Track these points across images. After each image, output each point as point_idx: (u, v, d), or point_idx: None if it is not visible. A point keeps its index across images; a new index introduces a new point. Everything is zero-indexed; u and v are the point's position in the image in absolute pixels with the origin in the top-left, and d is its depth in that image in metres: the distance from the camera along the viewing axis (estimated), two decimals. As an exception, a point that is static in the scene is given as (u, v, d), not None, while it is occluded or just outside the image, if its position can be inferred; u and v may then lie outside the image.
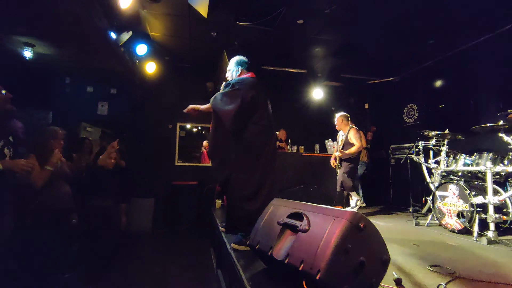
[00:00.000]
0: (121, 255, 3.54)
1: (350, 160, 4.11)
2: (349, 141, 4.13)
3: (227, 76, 2.59)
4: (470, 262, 2.11)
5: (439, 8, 3.60)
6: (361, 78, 6.37)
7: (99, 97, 5.33)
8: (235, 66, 2.57)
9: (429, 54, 5.01)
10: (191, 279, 2.99)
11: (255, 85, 2.36)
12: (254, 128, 2.25)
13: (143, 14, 3.82)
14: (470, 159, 3.28)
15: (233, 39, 4.53)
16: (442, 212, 3.30)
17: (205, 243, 4.22)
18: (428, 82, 5.37)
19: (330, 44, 4.79)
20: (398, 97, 6.11)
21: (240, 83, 2.32)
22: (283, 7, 3.68)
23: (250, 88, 2.29)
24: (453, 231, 3.10)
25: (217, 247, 3.05)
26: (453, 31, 4.14)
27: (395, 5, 3.57)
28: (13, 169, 1.60)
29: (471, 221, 2.89)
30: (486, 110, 4.22)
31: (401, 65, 5.64)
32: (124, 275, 2.99)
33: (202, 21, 3.88)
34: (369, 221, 1.31)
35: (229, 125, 2.20)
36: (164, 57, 5.22)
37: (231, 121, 2.18)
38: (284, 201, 1.74)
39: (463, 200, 3.03)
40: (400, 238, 2.89)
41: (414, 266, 1.96)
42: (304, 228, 1.37)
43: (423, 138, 3.92)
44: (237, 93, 2.24)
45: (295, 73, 5.98)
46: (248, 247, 1.89)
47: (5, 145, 1.67)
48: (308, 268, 1.21)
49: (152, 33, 4.40)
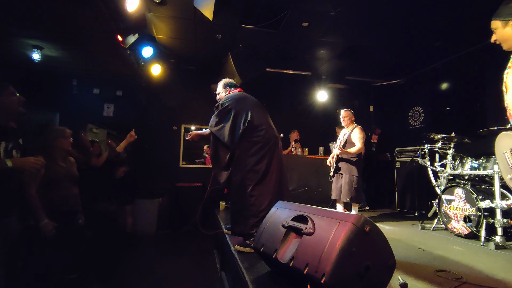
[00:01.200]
0: (125, 256, 3.56)
1: (352, 164, 3.68)
2: (351, 140, 3.75)
3: (218, 98, 2.75)
4: (477, 267, 2.08)
5: (446, 9, 3.58)
6: (366, 81, 6.35)
7: (105, 99, 5.40)
8: (223, 88, 2.77)
9: (435, 56, 4.98)
10: (195, 281, 2.99)
11: (242, 97, 2.57)
12: (250, 140, 2.34)
13: (149, 17, 3.86)
14: (477, 163, 3.24)
15: (238, 41, 4.56)
16: (448, 216, 3.26)
17: (208, 244, 4.22)
18: (434, 84, 5.33)
19: (335, 47, 4.78)
20: (403, 99, 6.06)
21: (228, 100, 2.51)
22: (288, 10, 3.69)
23: (237, 101, 2.49)
24: (459, 235, 3.06)
25: (221, 249, 3.05)
26: (460, 32, 4.11)
27: (400, 7, 3.56)
28: (23, 167, 1.61)
29: (478, 225, 2.85)
30: (494, 113, 4.17)
31: (407, 67, 5.61)
32: (128, 276, 3.00)
33: (207, 24, 3.91)
34: (375, 224, 1.30)
35: (228, 142, 2.36)
36: (170, 59, 5.26)
37: (228, 137, 2.35)
38: (288, 204, 1.74)
39: (470, 204, 2.99)
40: (405, 242, 2.86)
41: (420, 271, 1.94)
42: (309, 231, 1.37)
43: (429, 141, 3.88)
44: (227, 110, 2.44)
45: (299, 75, 5.98)
46: (252, 249, 1.89)
47: (14, 147, 1.69)
48: (313, 271, 1.20)
49: (158, 35, 4.44)
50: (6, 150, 1.62)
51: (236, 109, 2.40)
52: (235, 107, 2.41)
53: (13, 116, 1.72)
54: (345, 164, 3.75)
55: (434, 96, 5.32)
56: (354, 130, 3.80)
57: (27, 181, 1.96)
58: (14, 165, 1.55)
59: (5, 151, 1.61)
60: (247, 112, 2.37)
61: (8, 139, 1.65)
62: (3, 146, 1.60)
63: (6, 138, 1.63)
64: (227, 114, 2.41)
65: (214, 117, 2.50)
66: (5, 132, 1.65)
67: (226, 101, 2.49)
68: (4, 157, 1.57)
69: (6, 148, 1.62)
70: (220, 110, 2.47)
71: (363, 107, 6.68)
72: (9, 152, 1.64)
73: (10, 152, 1.65)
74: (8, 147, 1.64)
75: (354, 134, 3.77)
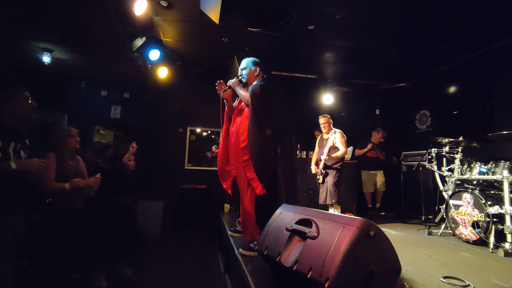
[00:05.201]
0: (130, 256, 3.57)
1: (337, 169, 3.89)
2: (334, 145, 3.91)
3: (242, 74, 2.59)
4: (486, 274, 2.04)
5: (453, 12, 3.54)
6: (372, 84, 6.31)
7: (112, 101, 5.47)
8: (252, 65, 2.58)
9: (442, 59, 4.92)
10: (199, 283, 2.99)
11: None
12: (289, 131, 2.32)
13: (156, 20, 3.92)
14: (485, 168, 3.19)
15: (243, 44, 4.58)
16: (456, 221, 3.20)
17: (212, 247, 4.22)
18: (442, 87, 5.27)
19: (341, 50, 4.77)
20: (410, 103, 6.01)
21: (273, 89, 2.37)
22: (294, 13, 3.70)
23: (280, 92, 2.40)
24: (467, 241, 3.00)
25: (225, 251, 3.05)
26: (468, 35, 4.06)
27: (407, 9, 3.54)
28: (26, 168, 1.65)
29: (487, 231, 2.79)
30: (503, 117, 4.10)
31: (413, 71, 5.55)
32: (132, 276, 3.01)
33: (214, 27, 3.94)
34: (380, 229, 1.28)
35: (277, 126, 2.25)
36: (176, 62, 5.32)
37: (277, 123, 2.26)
38: (292, 207, 1.74)
39: (478, 210, 2.94)
40: (411, 247, 2.82)
41: (427, 278, 1.91)
42: (313, 235, 1.36)
43: (436, 145, 3.83)
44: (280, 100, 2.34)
45: (305, 78, 5.98)
46: (256, 253, 1.88)
47: (21, 147, 1.73)
48: (316, 275, 1.19)
49: (165, 38, 4.50)
50: (14, 150, 1.66)
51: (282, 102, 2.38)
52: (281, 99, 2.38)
53: (24, 120, 1.77)
54: (330, 169, 3.95)
55: (442, 99, 5.26)
56: (336, 135, 3.96)
57: (41, 179, 2.05)
58: (17, 167, 1.59)
59: (13, 151, 1.65)
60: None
61: (17, 140, 1.70)
62: (12, 147, 1.64)
63: (15, 139, 1.68)
64: (283, 104, 2.38)
65: (267, 99, 2.28)
66: (14, 133, 1.70)
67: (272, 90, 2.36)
68: (13, 157, 1.61)
69: (15, 148, 1.67)
70: (273, 100, 2.31)
71: (369, 110, 6.64)
72: (17, 152, 1.69)
73: (18, 152, 1.70)
74: (16, 148, 1.69)
75: (337, 139, 3.94)
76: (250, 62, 2.59)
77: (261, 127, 2.22)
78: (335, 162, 3.89)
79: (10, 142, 1.64)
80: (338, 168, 3.90)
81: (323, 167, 3.93)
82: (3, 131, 1.63)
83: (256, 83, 2.42)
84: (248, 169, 2.21)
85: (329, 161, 3.90)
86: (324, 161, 3.90)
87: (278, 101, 2.32)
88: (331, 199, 3.79)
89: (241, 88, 2.51)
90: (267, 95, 2.27)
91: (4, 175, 1.57)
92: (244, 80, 2.56)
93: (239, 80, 2.57)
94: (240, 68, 2.63)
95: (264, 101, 2.25)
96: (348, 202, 4.56)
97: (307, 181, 4.43)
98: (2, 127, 1.63)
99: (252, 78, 2.54)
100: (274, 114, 2.26)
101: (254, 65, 2.58)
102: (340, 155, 3.86)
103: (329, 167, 3.93)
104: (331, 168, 3.92)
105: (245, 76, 2.57)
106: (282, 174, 2.20)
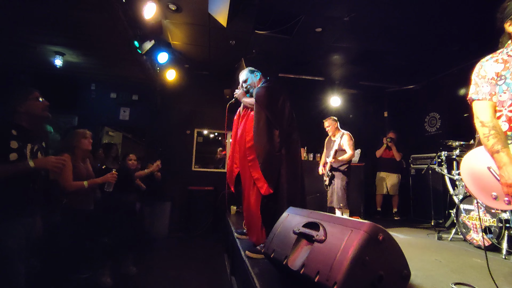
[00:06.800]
0: (137, 257, 3.61)
1: (344, 171, 3.83)
2: (341, 148, 3.86)
3: (246, 85, 2.63)
4: (498, 281, 1.98)
5: (463, 13, 3.49)
6: (380, 86, 6.24)
7: (121, 103, 5.55)
8: (250, 74, 2.63)
9: (452, 61, 4.84)
10: (205, 285, 3.00)
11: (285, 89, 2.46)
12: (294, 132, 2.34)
13: (165, 23, 3.97)
14: (497, 172, 3.11)
15: (251, 47, 4.60)
16: (467, 226, 3.14)
17: (219, 248, 4.23)
18: (452, 90, 5.18)
19: (349, 52, 4.75)
20: (419, 105, 5.92)
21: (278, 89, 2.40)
22: (302, 16, 3.70)
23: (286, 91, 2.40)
24: (479, 247, 2.94)
25: (231, 253, 3.05)
26: (478, 37, 3.98)
27: (416, 11, 3.50)
28: (45, 166, 1.68)
29: (499, 237, 2.72)
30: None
31: (422, 73, 5.48)
32: (139, 277, 3.04)
33: (221, 30, 3.97)
34: (388, 233, 1.27)
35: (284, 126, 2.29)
36: (184, 64, 5.37)
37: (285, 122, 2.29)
38: (299, 210, 1.73)
39: (490, 215, 2.87)
40: (421, 252, 2.77)
41: (437, 284, 1.87)
42: (321, 238, 1.35)
43: (446, 148, 3.77)
44: (285, 100, 2.35)
45: (312, 80, 5.96)
46: (262, 255, 1.88)
47: (39, 149, 1.77)
48: (324, 279, 1.19)
49: (173, 41, 4.55)
50: (32, 152, 1.70)
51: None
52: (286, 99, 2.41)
53: (38, 120, 1.81)
54: (337, 171, 3.87)
55: (452, 102, 5.16)
56: (344, 137, 3.87)
57: (60, 178, 2.12)
58: (36, 165, 1.61)
59: (31, 153, 1.69)
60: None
61: (34, 142, 1.73)
62: (29, 148, 1.68)
63: (31, 141, 1.72)
64: (287, 102, 2.39)
65: (274, 102, 2.32)
66: (31, 135, 1.73)
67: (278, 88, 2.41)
68: (30, 158, 1.65)
69: (32, 149, 1.71)
70: (279, 104, 2.33)
71: (377, 112, 6.57)
72: (34, 154, 1.72)
73: (35, 154, 1.73)
74: (33, 149, 1.72)
75: (344, 141, 3.86)
76: (248, 73, 2.65)
77: (269, 127, 2.24)
78: (341, 164, 3.85)
79: (26, 143, 1.67)
80: (345, 171, 3.84)
81: (329, 169, 3.90)
82: (20, 132, 1.66)
83: (260, 85, 2.46)
84: (254, 168, 2.23)
85: (335, 163, 3.85)
86: (330, 163, 3.85)
87: (283, 101, 2.33)
88: (339, 202, 3.74)
89: (247, 98, 2.56)
90: (272, 95, 2.31)
91: (21, 176, 1.60)
92: (251, 90, 2.59)
93: (245, 91, 2.61)
94: (242, 81, 2.67)
95: (269, 101, 2.28)
96: (355, 205, 4.51)
97: (315, 184, 4.41)
98: (19, 129, 1.66)
99: (256, 84, 2.60)
100: (280, 113, 2.29)
101: (252, 73, 2.64)
102: (347, 158, 3.78)
103: (336, 169, 3.89)
104: (338, 171, 3.87)
105: (249, 86, 2.62)
106: (285, 174, 2.21)
